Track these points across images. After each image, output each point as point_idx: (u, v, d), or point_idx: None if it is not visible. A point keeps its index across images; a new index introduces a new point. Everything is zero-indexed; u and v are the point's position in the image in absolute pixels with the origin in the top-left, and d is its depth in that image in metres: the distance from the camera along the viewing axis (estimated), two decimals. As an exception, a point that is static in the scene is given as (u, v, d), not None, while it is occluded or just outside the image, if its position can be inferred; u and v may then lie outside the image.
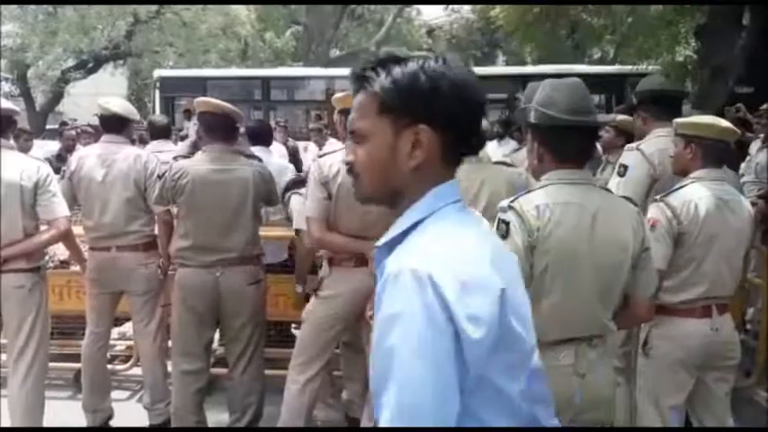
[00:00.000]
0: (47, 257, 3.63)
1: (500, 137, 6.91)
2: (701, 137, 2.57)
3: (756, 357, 4.03)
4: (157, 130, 5.22)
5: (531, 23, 9.70)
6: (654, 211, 2.51)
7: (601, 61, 19.03)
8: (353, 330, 3.21)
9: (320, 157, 3.02)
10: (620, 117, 3.85)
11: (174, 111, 13.11)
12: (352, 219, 2.89)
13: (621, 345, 2.86)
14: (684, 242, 2.49)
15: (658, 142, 2.97)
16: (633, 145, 3.02)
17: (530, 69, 15.35)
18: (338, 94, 3.11)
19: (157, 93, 13.44)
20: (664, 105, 3.13)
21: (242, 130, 4.00)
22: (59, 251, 4.26)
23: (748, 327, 4.36)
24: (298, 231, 3.34)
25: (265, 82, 14.14)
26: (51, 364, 3.84)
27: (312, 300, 3.05)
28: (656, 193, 2.67)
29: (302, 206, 3.12)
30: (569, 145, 1.99)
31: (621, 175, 2.93)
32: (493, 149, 6.57)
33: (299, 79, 15.01)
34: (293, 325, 4.11)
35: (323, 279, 2.99)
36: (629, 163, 2.95)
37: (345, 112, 3.06)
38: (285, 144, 8.44)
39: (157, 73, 14.13)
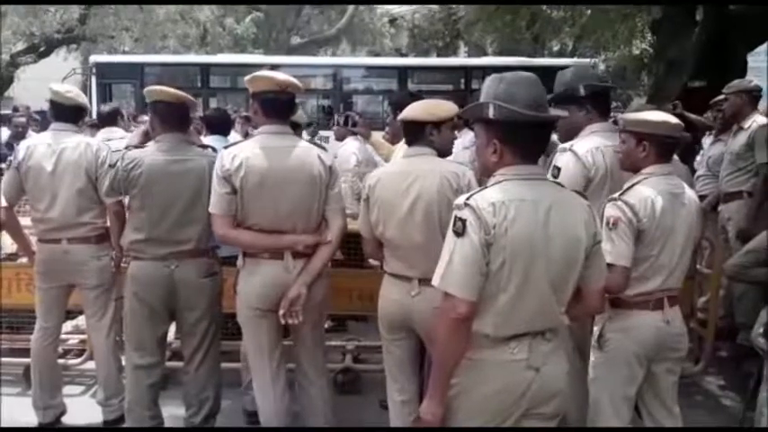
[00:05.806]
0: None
1: (458, 128, 6.91)
2: (652, 134, 2.59)
3: (705, 346, 4.15)
4: (105, 117, 5.13)
5: (491, 14, 9.77)
6: (613, 210, 2.52)
7: (560, 53, 19.28)
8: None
9: (225, 148, 2.86)
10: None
11: (111, 97, 12.86)
12: (263, 213, 2.79)
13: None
14: (644, 238, 2.52)
15: (592, 140, 2.90)
16: (566, 145, 2.90)
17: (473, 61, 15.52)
18: (249, 76, 2.86)
19: (94, 79, 13.17)
20: (601, 101, 3.04)
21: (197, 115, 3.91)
22: (8, 242, 4.12)
23: (698, 316, 4.48)
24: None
25: (205, 69, 13.89)
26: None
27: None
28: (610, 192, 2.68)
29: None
30: (531, 141, 1.99)
31: (555, 176, 2.81)
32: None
33: (240, 66, 14.74)
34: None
35: (239, 272, 2.91)
36: (562, 165, 2.86)
37: (257, 96, 2.84)
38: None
39: (93, 59, 13.80)
